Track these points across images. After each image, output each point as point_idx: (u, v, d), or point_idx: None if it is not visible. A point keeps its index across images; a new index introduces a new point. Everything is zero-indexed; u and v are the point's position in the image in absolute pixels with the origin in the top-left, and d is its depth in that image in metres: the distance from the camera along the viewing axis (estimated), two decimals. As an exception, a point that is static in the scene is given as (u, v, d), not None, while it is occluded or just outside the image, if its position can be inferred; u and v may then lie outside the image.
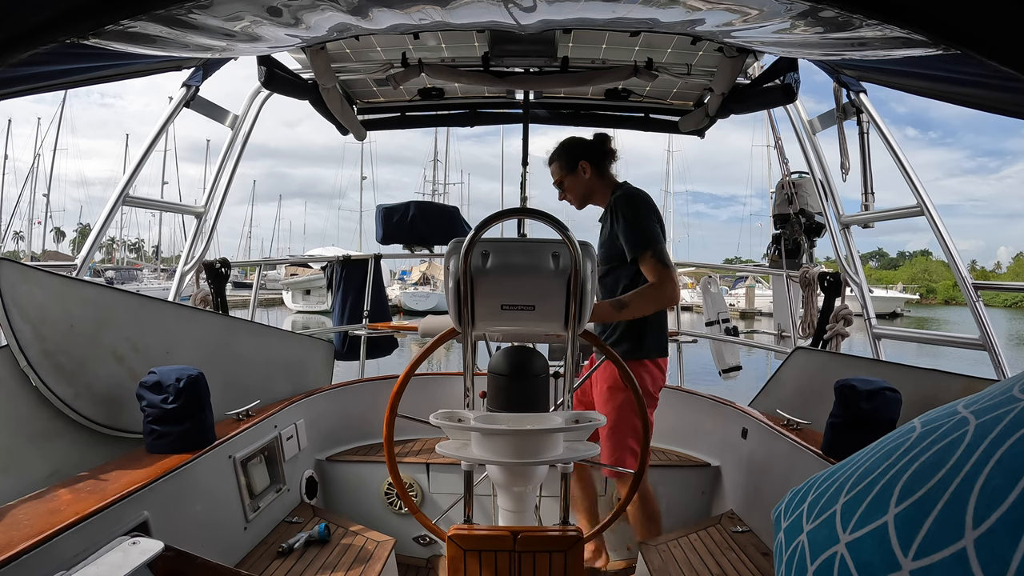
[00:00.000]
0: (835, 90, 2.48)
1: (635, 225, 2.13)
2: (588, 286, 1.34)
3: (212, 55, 1.81)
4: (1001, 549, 0.31)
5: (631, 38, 2.21)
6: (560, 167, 2.35)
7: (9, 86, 1.10)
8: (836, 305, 2.80)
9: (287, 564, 2.01)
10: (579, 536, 1.36)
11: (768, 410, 2.55)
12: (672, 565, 2.08)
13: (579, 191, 2.35)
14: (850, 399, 1.86)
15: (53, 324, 1.76)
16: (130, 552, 1.30)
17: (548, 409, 1.55)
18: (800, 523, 0.50)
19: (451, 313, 1.40)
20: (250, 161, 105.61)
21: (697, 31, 1.61)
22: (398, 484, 1.55)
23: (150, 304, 2.19)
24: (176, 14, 1.01)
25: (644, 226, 2.12)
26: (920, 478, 0.39)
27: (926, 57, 1.27)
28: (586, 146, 2.36)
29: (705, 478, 2.79)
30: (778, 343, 3.72)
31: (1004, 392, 0.41)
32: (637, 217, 2.14)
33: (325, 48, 2.23)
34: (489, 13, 1.41)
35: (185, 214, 2.89)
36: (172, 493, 1.72)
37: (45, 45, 0.82)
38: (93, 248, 2.29)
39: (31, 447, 1.66)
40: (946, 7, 0.78)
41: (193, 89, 2.41)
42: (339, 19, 1.36)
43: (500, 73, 2.44)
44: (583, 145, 2.36)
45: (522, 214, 1.58)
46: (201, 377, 1.95)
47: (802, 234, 3.36)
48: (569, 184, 2.35)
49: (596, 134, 2.41)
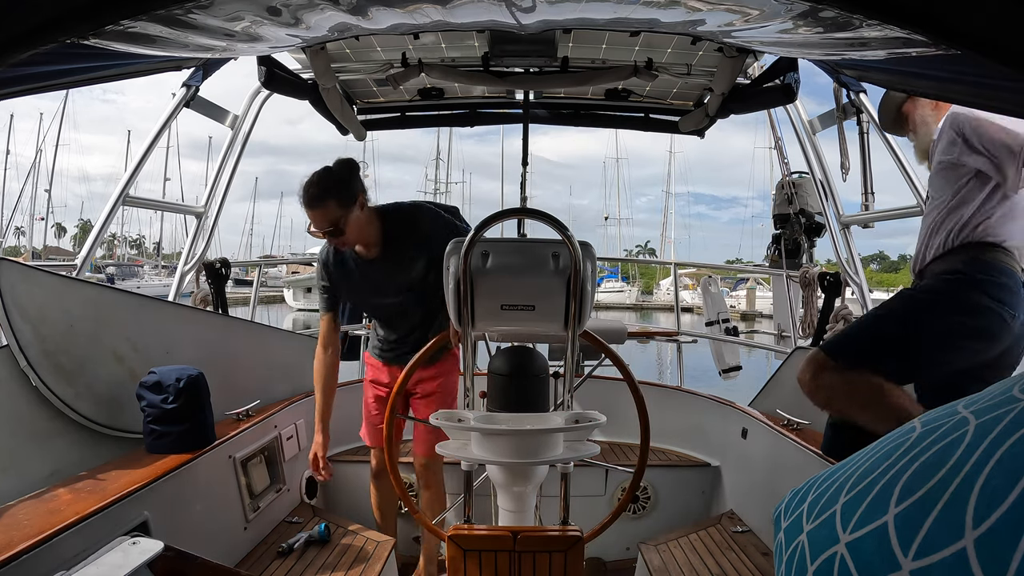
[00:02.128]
0: (835, 90, 2.48)
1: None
2: (588, 286, 1.34)
3: (212, 55, 1.81)
4: (1001, 549, 0.31)
5: (631, 38, 2.21)
6: (338, 204, 1.96)
7: (9, 86, 1.10)
8: (836, 305, 2.80)
9: (287, 564, 2.01)
10: (579, 536, 1.36)
11: (768, 410, 2.55)
12: (672, 565, 2.08)
13: (360, 228, 2.02)
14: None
15: (53, 324, 1.76)
16: (130, 552, 1.30)
17: (548, 409, 1.55)
18: (800, 523, 0.50)
19: (451, 313, 1.40)
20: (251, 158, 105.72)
21: (697, 31, 1.61)
22: (398, 484, 1.55)
23: (150, 304, 2.19)
24: (176, 14, 1.01)
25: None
26: (920, 478, 0.39)
27: (926, 57, 1.27)
28: (355, 171, 2.06)
29: (705, 478, 2.79)
30: (778, 343, 3.72)
31: (1004, 392, 0.41)
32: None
33: (325, 48, 2.23)
34: (489, 13, 1.41)
35: (185, 214, 2.90)
36: (172, 493, 1.72)
37: (45, 45, 0.82)
38: (94, 247, 2.29)
39: (31, 447, 1.66)
40: (946, 7, 0.78)
41: (193, 89, 2.41)
42: (339, 19, 1.36)
43: (500, 73, 2.44)
44: (352, 171, 2.05)
45: (522, 214, 1.58)
46: (201, 377, 1.95)
47: (802, 234, 3.37)
48: (350, 223, 1.98)
49: (345, 160, 2.07)
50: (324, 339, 2.24)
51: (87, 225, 48.69)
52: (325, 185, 1.98)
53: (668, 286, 34.89)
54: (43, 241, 48.74)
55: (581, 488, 2.64)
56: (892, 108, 1.97)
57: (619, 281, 41.07)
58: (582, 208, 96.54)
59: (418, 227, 2.11)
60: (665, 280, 38.45)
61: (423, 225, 2.12)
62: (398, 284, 2.16)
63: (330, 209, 1.96)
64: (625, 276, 43.22)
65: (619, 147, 58.03)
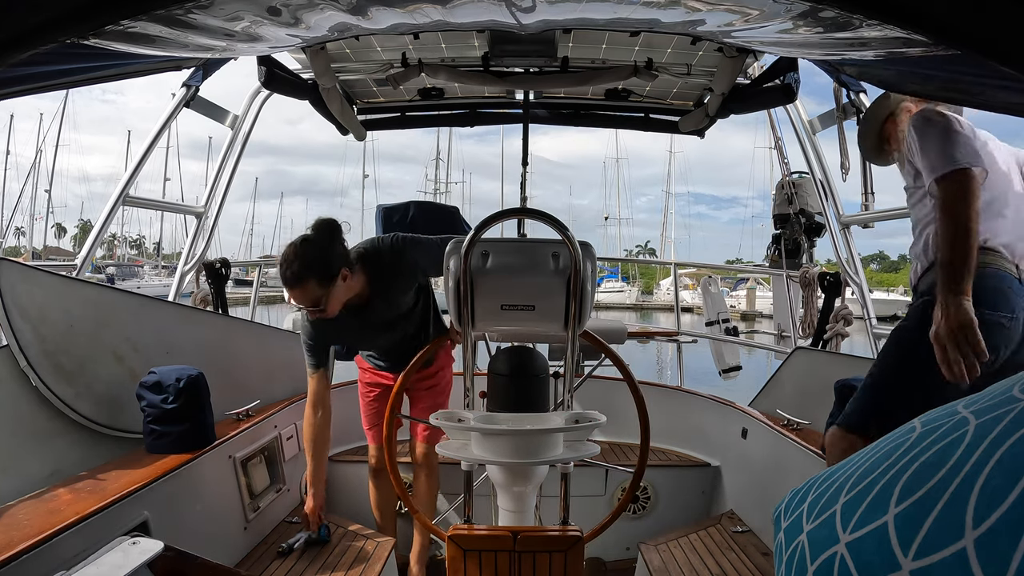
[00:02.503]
0: (835, 90, 2.48)
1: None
2: (588, 286, 1.34)
3: (212, 55, 1.80)
4: (1001, 549, 0.31)
5: (631, 38, 2.21)
6: (319, 284, 1.82)
7: (9, 86, 1.10)
8: (836, 305, 2.80)
9: (287, 564, 2.01)
10: (579, 536, 1.36)
11: (768, 410, 2.55)
12: (672, 565, 2.08)
13: (344, 295, 1.91)
14: (850, 399, 1.86)
15: (53, 324, 1.76)
16: (130, 552, 1.30)
17: (548, 409, 1.55)
18: (800, 523, 0.50)
19: (451, 313, 1.40)
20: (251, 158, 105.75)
21: (697, 31, 1.61)
22: (398, 484, 1.55)
23: (150, 304, 2.19)
24: (176, 14, 1.01)
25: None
26: (920, 478, 0.39)
27: (926, 57, 1.27)
28: (336, 238, 1.90)
29: (705, 478, 2.79)
30: (778, 343, 3.72)
31: (1004, 392, 0.41)
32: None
33: (325, 48, 2.23)
34: (489, 13, 1.41)
35: (185, 214, 2.90)
36: (172, 493, 1.72)
37: (45, 45, 0.82)
38: (93, 247, 2.29)
39: (31, 447, 1.66)
40: (946, 7, 0.78)
41: (193, 89, 2.41)
42: (339, 19, 1.36)
43: (500, 73, 2.44)
44: (334, 237, 1.90)
45: (522, 214, 1.58)
46: (201, 377, 1.95)
47: (802, 234, 3.37)
48: (333, 297, 1.87)
49: (325, 224, 1.91)
50: (314, 399, 2.08)
51: (87, 225, 48.66)
52: (304, 262, 1.81)
53: (668, 286, 34.89)
54: (43, 241, 48.82)
55: (581, 488, 2.64)
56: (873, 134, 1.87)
57: (619, 281, 41.09)
58: (582, 208, 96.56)
59: (402, 259, 2.01)
60: (665, 280, 38.46)
61: (406, 256, 2.01)
62: (391, 320, 2.12)
63: (309, 289, 1.81)
64: (625, 276, 43.24)
65: (619, 147, 58.06)
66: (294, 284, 1.81)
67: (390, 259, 2.01)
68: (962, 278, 1.36)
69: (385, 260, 2.00)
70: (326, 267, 1.83)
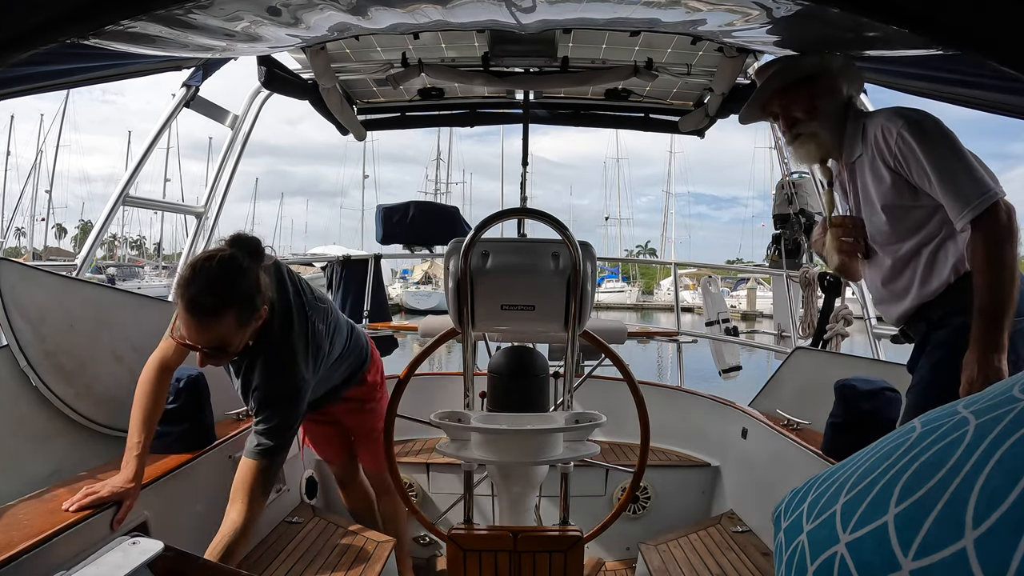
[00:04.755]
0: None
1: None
2: (588, 286, 1.34)
3: (212, 55, 1.81)
4: (1001, 549, 0.31)
5: (631, 38, 2.21)
6: (237, 321, 1.43)
7: (9, 86, 1.10)
8: (836, 305, 2.80)
9: (287, 564, 2.01)
10: (579, 536, 1.36)
11: (768, 410, 2.55)
12: (672, 565, 2.07)
13: (248, 335, 1.52)
14: (850, 399, 1.86)
15: (53, 324, 1.76)
16: (130, 552, 1.30)
17: (548, 409, 1.55)
18: (800, 523, 0.50)
19: (451, 313, 1.40)
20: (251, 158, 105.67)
21: (697, 31, 1.61)
22: (398, 484, 1.55)
23: (150, 304, 2.19)
24: (176, 14, 1.01)
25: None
26: (920, 478, 0.39)
27: (926, 57, 1.27)
28: (259, 258, 1.52)
29: (705, 478, 2.79)
30: (778, 343, 3.72)
31: (1004, 392, 0.41)
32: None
33: (325, 48, 2.23)
34: (489, 13, 1.41)
35: (186, 214, 2.90)
36: (172, 493, 1.72)
37: (45, 45, 0.82)
38: (94, 247, 2.29)
39: (31, 447, 1.66)
40: (946, 7, 0.78)
41: (193, 89, 2.41)
42: (339, 19, 1.36)
43: (500, 73, 2.44)
44: (257, 259, 1.51)
45: (522, 214, 1.58)
46: (201, 377, 1.94)
47: (802, 234, 3.37)
48: (240, 342, 1.50)
49: (247, 241, 1.51)
50: (163, 363, 1.64)
51: (87, 226, 48.70)
52: (230, 289, 1.40)
53: (668, 286, 34.87)
54: (44, 242, 48.81)
55: (581, 488, 2.64)
56: (769, 90, 1.48)
57: (619, 281, 41.09)
58: (582, 208, 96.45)
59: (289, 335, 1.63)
60: (665, 280, 38.45)
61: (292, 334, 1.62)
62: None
63: (224, 325, 1.40)
64: (625, 276, 43.25)
65: (619, 147, 58.04)
66: (210, 316, 1.38)
67: (279, 328, 1.60)
68: (1004, 331, 1.20)
69: (275, 326, 1.59)
70: (250, 300, 1.44)
